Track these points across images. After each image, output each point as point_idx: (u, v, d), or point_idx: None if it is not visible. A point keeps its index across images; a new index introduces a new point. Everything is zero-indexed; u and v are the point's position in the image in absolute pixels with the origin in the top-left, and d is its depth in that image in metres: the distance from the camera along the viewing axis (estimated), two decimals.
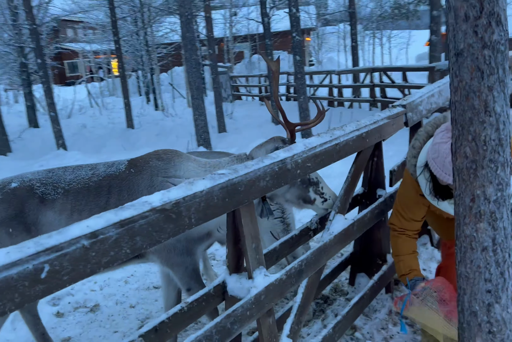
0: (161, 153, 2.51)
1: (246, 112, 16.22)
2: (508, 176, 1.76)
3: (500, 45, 1.62)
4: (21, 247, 1.17)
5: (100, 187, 2.41)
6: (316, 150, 2.15)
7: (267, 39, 12.83)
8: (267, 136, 10.56)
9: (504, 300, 1.89)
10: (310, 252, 2.17)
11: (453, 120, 1.78)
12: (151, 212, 1.43)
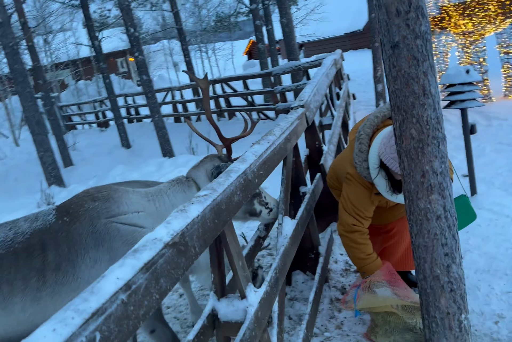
0: (93, 192, 2.20)
1: (88, 141, 15.35)
2: (446, 148, 1.98)
3: (427, 34, 1.81)
4: (62, 319, 0.95)
5: (29, 246, 2.00)
6: (263, 157, 2.15)
7: (101, 62, 12.32)
8: (122, 162, 10.26)
9: (458, 259, 2.12)
10: (278, 259, 2.15)
11: (395, 107, 1.94)
12: (166, 249, 1.28)
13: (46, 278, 1.95)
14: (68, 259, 1.99)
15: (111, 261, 2.04)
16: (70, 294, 1.99)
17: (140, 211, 2.21)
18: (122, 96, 16.62)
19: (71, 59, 29.06)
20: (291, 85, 10.90)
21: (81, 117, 19.86)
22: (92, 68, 28.97)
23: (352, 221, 2.53)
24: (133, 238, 2.08)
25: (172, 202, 2.33)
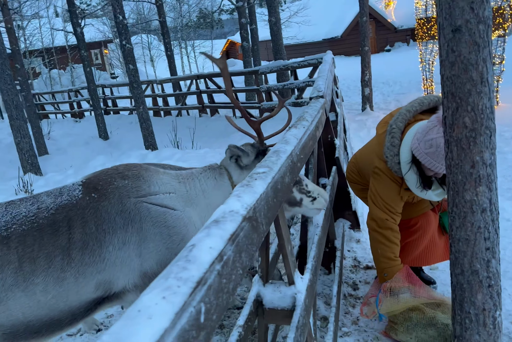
0: (122, 170, 2.06)
1: (63, 131, 14.90)
2: (495, 140, 1.94)
3: (490, 20, 1.76)
4: (168, 287, 0.84)
5: (55, 222, 1.84)
6: (302, 141, 2.07)
7: (83, 50, 11.96)
8: (100, 153, 10.01)
9: (497, 254, 2.08)
10: (315, 247, 2.07)
11: (449, 94, 1.88)
12: (244, 222, 1.19)
13: (72, 257, 1.81)
14: (95, 238, 1.86)
15: (140, 243, 1.93)
16: (95, 276, 1.86)
17: (171, 192, 2.10)
18: (100, 87, 16.21)
19: (46, 47, 28.22)
20: (277, 85, 10.86)
21: (54, 107, 19.28)
22: (67, 58, 28.23)
23: (384, 216, 2.48)
24: (164, 219, 1.97)
25: (203, 187, 2.25)
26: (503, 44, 8.37)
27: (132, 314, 0.77)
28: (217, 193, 2.28)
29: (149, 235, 1.93)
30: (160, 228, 1.95)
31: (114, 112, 16.26)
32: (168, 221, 1.97)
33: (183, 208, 2.05)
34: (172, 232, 1.98)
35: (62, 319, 1.87)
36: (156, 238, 1.95)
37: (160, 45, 32.41)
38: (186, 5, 29.88)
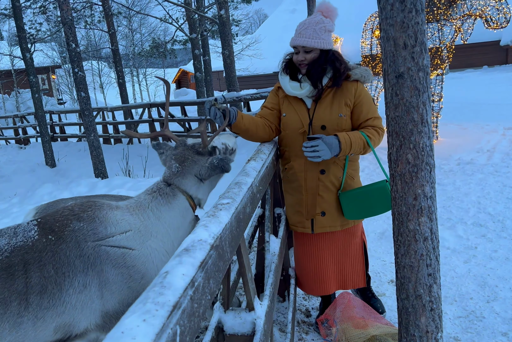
0: (77, 211, 2.00)
1: (6, 157, 14.41)
2: (434, 174, 2.15)
3: (428, 68, 1.99)
4: (147, 311, 0.92)
5: (10, 266, 1.77)
6: (261, 173, 2.19)
7: (32, 75, 11.75)
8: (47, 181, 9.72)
9: (438, 280, 2.26)
10: (272, 274, 2.16)
11: (393, 133, 2.08)
12: (212, 250, 1.27)
13: (29, 301, 1.76)
14: (54, 281, 1.81)
15: (101, 285, 1.90)
16: (54, 319, 1.80)
17: (127, 230, 2.07)
18: (47, 113, 15.85)
19: None
20: None
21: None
22: (13, 82, 27.49)
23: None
24: (123, 260, 1.96)
25: (157, 215, 2.21)
26: (441, 83, 9.02)
27: (116, 335, 0.83)
28: (174, 214, 2.24)
29: (110, 277, 1.91)
30: (121, 269, 1.94)
31: (61, 139, 15.90)
32: (128, 262, 1.97)
33: (140, 246, 2.04)
34: (132, 271, 1.98)
35: None
36: (118, 278, 1.94)
37: (110, 72, 32.30)
38: (138, 34, 30.17)
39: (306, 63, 2.60)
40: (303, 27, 2.57)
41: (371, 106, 2.65)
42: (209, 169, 2.30)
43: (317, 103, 2.65)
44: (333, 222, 2.72)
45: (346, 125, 2.63)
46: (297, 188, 2.76)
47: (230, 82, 12.60)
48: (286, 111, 2.74)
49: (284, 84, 2.71)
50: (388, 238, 4.36)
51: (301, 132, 2.67)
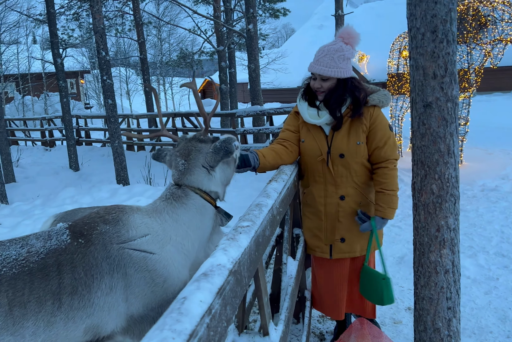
0: (103, 214, 2.09)
1: (32, 158, 14.70)
2: (459, 206, 2.11)
3: (457, 99, 1.97)
4: (163, 338, 0.91)
5: (46, 267, 1.85)
6: (281, 195, 2.18)
7: (61, 80, 12.03)
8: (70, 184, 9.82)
9: (458, 314, 2.21)
10: (288, 298, 2.14)
11: (418, 162, 2.06)
12: (230, 276, 1.26)
13: (62, 301, 1.82)
14: (84, 283, 1.88)
15: (126, 288, 1.95)
16: (84, 320, 1.86)
17: (146, 234, 2.11)
18: (74, 117, 16.17)
19: (21, 73, 28.15)
20: (253, 129, 11.13)
21: (25, 134, 19.02)
22: (42, 85, 28.18)
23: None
24: (145, 264, 2.01)
25: (174, 218, 2.22)
26: (468, 106, 8.92)
27: None
28: (191, 214, 2.23)
29: (133, 280, 1.96)
30: (143, 273, 1.99)
31: (86, 144, 16.15)
32: (149, 266, 2.01)
33: (160, 250, 2.07)
34: (154, 275, 2.01)
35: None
36: (140, 282, 1.98)
37: (137, 80, 32.87)
38: (167, 43, 30.69)
39: (322, 90, 2.59)
40: (322, 54, 2.54)
41: (385, 133, 2.63)
42: (213, 154, 2.25)
43: (335, 131, 2.64)
44: (352, 247, 2.70)
45: (364, 151, 2.63)
46: (316, 212, 2.75)
47: (254, 96, 12.68)
48: (304, 138, 2.73)
49: (303, 111, 2.70)
50: (407, 263, 4.28)
51: (319, 160, 2.67)
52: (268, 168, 2.64)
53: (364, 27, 25.70)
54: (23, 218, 6.62)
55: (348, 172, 2.64)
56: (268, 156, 2.59)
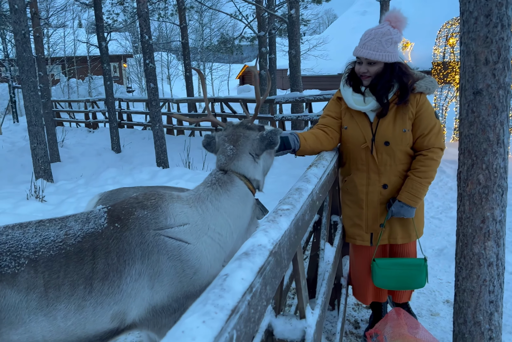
0: (142, 199, 2.08)
1: (76, 139, 15.15)
2: (506, 198, 2.04)
3: (509, 86, 1.89)
4: (206, 312, 0.93)
5: (81, 250, 1.86)
6: (321, 180, 2.18)
7: (106, 63, 12.27)
8: (111, 165, 10.04)
9: (500, 308, 2.15)
10: (325, 284, 2.15)
11: (465, 151, 2.00)
12: (271, 257, 1.28)
13: (93, 286, 1.84)
14: (116, 269, 1.88)
15: (154, 275, 1.94)
16: (112, 307, 1.88)
17: (185, 223, 2.09)
18: (117, 101, 16.51)
19: (67, 56, 28.88)
20: (291, 115, 11.07)
21: (70, 115, 19.59)
22: (87, 68, 28.85)
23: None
24: (179, 253, 1.99)
25: (216, 205, 2.19)
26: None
27: (176, 334, 0.85)
28: (234, 202, 2.22)
29: (164, 268, 1.95)
30: (175, 262, 1.97)
31: (128, 126, 16.50)
32: (182, 255, 1.99)
33: (196, 240, 2.06)
34: (186, 266, 1.99)
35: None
36: (171, 271, 1.96)
37: (178, 64, 33.13)
38: (208, 28, 30.70)
39: (368, 75, 2.53)
40: (369, 37, 2.48)
41: (431, 121, 2.56)
42: (259, 142, 2.25)
43: (380, 118, 2.59)
44: (394, 234, 2.67)
45: (409, 139, 2.57)
46: (357, 201, 2.73)
47: (293, 82, 12.58)
48: (347, 124, 2.68)
49: (347, 97, 2.64)
50: (446, 256, 4.20)
51: (363, 148, 2.63)
52: (308, 152, 2.62)
53: (409, 14, 24.85)
54: (67, 196, 6.86)
55: (392, 160, 2.59)
56: (309, 140, 2.57)
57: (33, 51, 10.76)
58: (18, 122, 22.13)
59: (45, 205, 6.40)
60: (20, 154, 11.54)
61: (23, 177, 8.76)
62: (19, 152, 12.02)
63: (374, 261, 2.68)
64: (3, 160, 11.03)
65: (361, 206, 2.71)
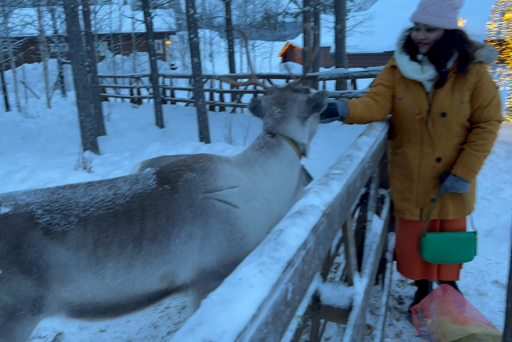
0: (190, 162, 2.08)
1: (121, 114, 15.44)
2: None
3: None
4: (262, 263, 0.92)
5: (130, 210, 1.88)
6: (372, 149, 2.12)
7: (151, 39, 12.35)
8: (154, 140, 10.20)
9: None
10: (373, 254, 2.11)
11: None
12: (324, 217, 1.25)
13: (142, 246, 1.86)
14: (165, 229, 1.90)
15: (204, 238, 1.94)
16: (160, 267, 1.90)
17: (234, 186, 2.07)
18: (161, 77, 16.65)
19: (113, 32, 29.28)
20: (335, 92, 10.84)
21: (115, 90, 19.97)
22: (132, 45, 29.18)
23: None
24: (227, 216, 1.99)
25: (265, 169, 2.17)
26: None
27: (234, 281, 0.85)
28: (282, 166, 2.20)
29: (213, 231, 1.95)
30: (224, 224, 1.96)
31: (171, 103, 16.67)
32: (231, 218, 1.99)
33: (245, 205, 2.05)
34: (234, 229, 1.99)
35: (127, 304, 1.93)
36: (220, 234, 1.96)
37: (220, 41, 33.02)
38: (251, 4, 30.30)
39: (426, 42, 2.42)
40: (429, 2, 2.36)
41: (491, 92, 2.44)
42: (306, 105, 2.21)
43: (437, 88, 2.47)
44: (444, 209, 2.59)
45: (467, 111, 2.46)
46: (408, 174, 2.65)
47: (338, 58, 12.29)
48: (402, 94, 2.59)
49: (403, 65, 2.54)
50: (495, 237, 4.07)
51: (418, 119, 2.53)
52: (356, 120, 2.55)
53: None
54: (113, 168, 7.04)
55: (448, 132, 2.49)
56: (359, 107, 2.50)
57: (81, 26, 10.93)
58: (66, 96, 22.78)
59: (92, 175, 6.59)
60: (68, 128, 11.92)
61: (71, 148, 9.05)
62: (67, 125, 12.41)
63: (424, 236, 2.63)
64: (52, 133, 11.43)
65: (412, 179, 2.64)
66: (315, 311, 1.78)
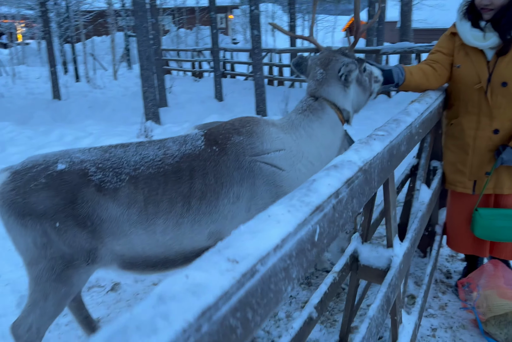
0: (238, 126, 2.13)
1: (182, 87, 15.73)
2: None
3: None
4: (292, 205, 0.98)
5: (179, 170, 1.96)
6: (423, 116, 2.10)
7: (213, 12, 12.40)
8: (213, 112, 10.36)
9: None
10: (417, 221, 2.12)
11: None
12: (360, 173, 1.29)
13: (191, 205, 1.94)
14: (213, 189, 1.97)
15: (251, 198, 2.02)
16: (208, 225, 1.98)
17: (280, 149, 2.13)
18: (222, 50, 16.73)
19: (177, 6, 29.60)
20: None
21: (178, 64, 20.32)
22: (195, 19, 29.43)
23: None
24: (273, 179, 2.05)
25: (309, 132, 2.22)
26: None
27: (263, 217, 0.91)
28: (325, 130, 2.23)
29: (260, 192, 2.02)
30: (270, 186, 2.03)
31: (231, 76, 16.77)
32: (277, 181, 2.05)
33: (290, 168, 2.10)
34: (280, 191, 2.04)
35: (176, 259, 2.04)
36: (266, 195, 2.03)
37: (283, 16, 32.49)
38: None
39: (491, 8, 2.31)
40: None
41: None
42: (344, 68, 2.21)
43: (500, 56, 2.36)
44: (500, 183, 2.52)
45: None
46: (463, 146, 2.58)
47: (403, 32, 11.83)
48: (461, 63, 2.50)
49: (464, 32, 2.45)
50: None
51: (476, 88, 2.44)
52: (412, 88, 2.50)
53: None
54: None
55: (508, 103, 2.40)
56: (415, 74, 2.45)
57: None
58: (131, 69, 23.46)
59: None
60: (132, 98, 12.32)
61: (135, 118, 9.37)
62: (132, 96, 12.84)
63: (477, 211, 2.56)
64: (118, 103, 11.87)
65: (467, 151, 2.57)
66: (354, 270, 1.82)
